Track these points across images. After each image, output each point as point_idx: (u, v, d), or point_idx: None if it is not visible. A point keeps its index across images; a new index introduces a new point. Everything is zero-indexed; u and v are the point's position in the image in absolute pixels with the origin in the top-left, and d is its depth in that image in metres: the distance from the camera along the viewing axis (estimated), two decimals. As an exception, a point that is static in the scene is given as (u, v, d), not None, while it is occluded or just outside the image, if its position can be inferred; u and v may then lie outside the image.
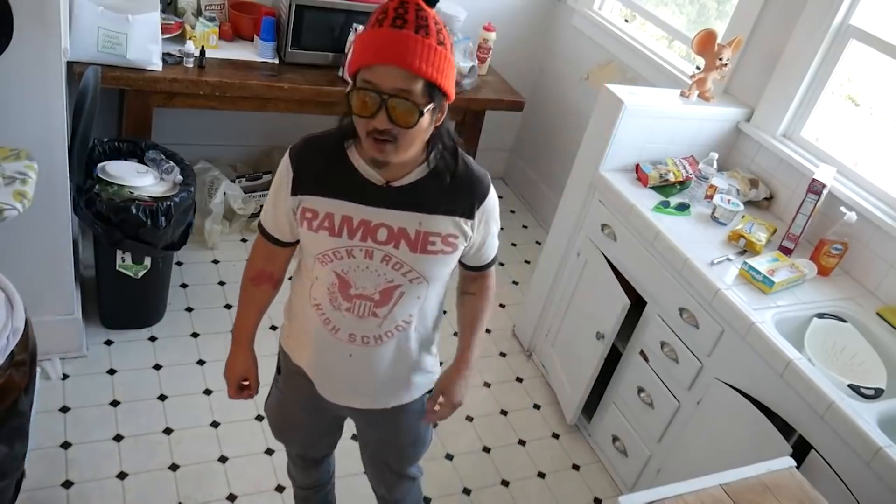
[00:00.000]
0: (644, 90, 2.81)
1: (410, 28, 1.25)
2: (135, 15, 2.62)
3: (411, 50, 1.25)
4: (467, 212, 1.48)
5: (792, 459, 1.76)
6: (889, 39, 2.44)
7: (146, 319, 2.86)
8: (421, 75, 1.26)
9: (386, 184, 1.43)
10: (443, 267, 1.51)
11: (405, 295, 1.51)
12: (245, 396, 1.77)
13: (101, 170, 2.57)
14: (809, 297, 2.32)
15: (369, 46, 1.27)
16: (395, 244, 1.44)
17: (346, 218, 1.44)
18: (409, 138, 1.32)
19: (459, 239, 1.48)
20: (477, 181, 1.49)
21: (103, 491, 2.26)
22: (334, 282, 1.50)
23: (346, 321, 1.53)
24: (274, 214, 1.53)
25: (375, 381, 1.63)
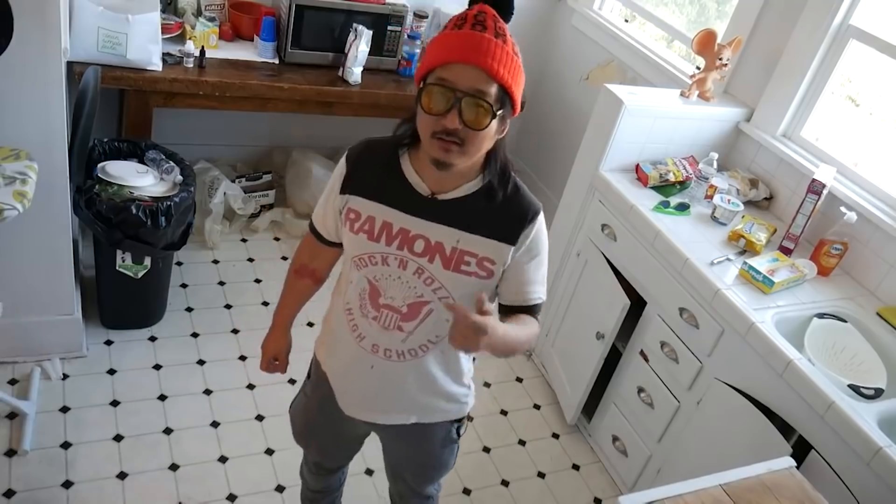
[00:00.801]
0: (644, 90, 2.81)
1: (490, 33, 1.27)
2: (135, 15, 2.62)
3: (491, 52, 1.26)
4: (509, 238, 1.42)
5: (792, 459, 1.76)
6: (889, 39, 2.44)
7: (146, 319, 2.86)
8: (497, 79, 1.27)
9: (431, 195, 1.41)
10: (472, 288, 1.44)
11: (433, 313, 1.48)
12: (273, 370, 1.82)
13: (101, 170, 2.57)
14: (809, 297, 2.32)
15: (447, 46, 1.28)
16: (429, 258, 1.42)
17: (386, 223, 1.43)
18: (477, 142, 1.31)
19: (496, 265, 1.43)
20: (525, 208, 1.44)
21: (103, 491, 2.26)
22: (366, 287, 1.50)
23: (372, 330, 1.52)
24: (323, 211, 1.56)
25: (394, 398, 1.61)
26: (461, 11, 1.32)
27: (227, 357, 2.84)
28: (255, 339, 1.77)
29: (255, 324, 3.01)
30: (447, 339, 1.39)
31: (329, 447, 1.91)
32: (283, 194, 3.64)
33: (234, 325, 2.98)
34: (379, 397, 1.62)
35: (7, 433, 2.34)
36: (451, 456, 1.79)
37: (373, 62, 3.23)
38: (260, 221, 3.51)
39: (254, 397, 2.69)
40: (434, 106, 1.28)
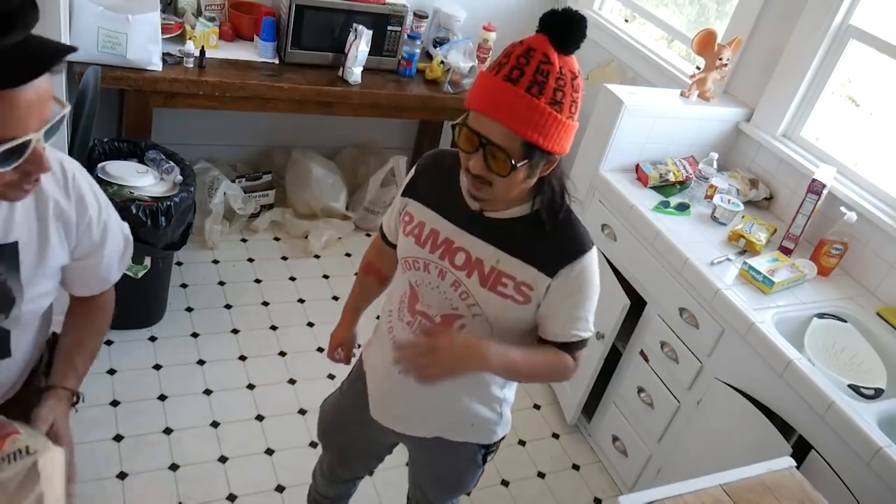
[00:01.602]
0: (644, 90, 2.81)
1: (524, 83, 1.23)
2: (135, 15, 2.62)
3: (515, 110, 1.23)
4: (548, 269, 1.39)
5: (792, 459, 1.76)
6: (889, 39, 2.44)
7: (146, 319, 2.86)
8: (520, 135, 1.24)
9: (480, 211, 1.41)
10: (507, 313, 1.42)
11: (465, 329, 1.46)
12: (337, 360, 1.83)
13: (101, 170, 2.57)
14: (809, 297, 2.32)
15: (481, 92, 1.28)
16: (468, 272, 1.42)
17: (433, 231, 1.46)
18: (504, 186, 1.31)
19: (534, 293, 1.40)
20: (571, 244, 1.40)
21: (103, 491, 2.26)
22: (407, 291, 1.53)
23: (404, 335, 1.53)
24: (390, 213, 1.63)
25: (415, 408, 1.60)
26: (511, 45, 1.30)
27: (227, 357, 2.84)
28: (255, 339, 1.78)
29: (254, 324, 3.01)
30: None
31: (349, 452, 1.90)
32: (283, 194, 3.64)
33: (234, 325, 2.98)
34: (402, 405, 1.62)
35: (7, 433, 2.34)
36: (473, 479, 1.77)
37: (373, 62, 3.23)
38: (260, 221, 3.51)
39: (254, 397, 2.69)
40: (463, 144, 1.31)
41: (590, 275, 1.42)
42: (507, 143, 1.25)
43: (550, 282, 1.39)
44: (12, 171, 1.08)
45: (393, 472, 2.47)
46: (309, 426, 2.62)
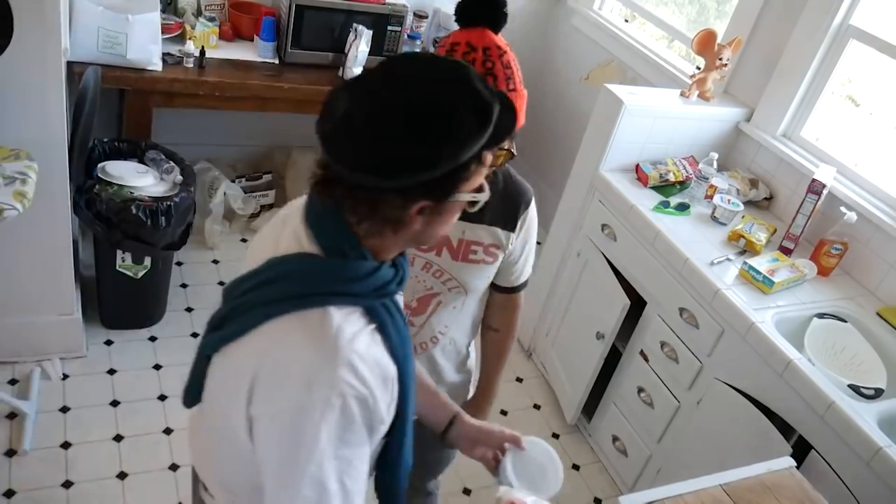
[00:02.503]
0: (644, 90, 2.81)
1: (502, 85, 1.26)
2: (135, 15, 2.62)
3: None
4: (510, 224, 1.48)
5: (792, 459, 1.76)
6: (889, 39, 2.44)
7: (146, 319, 2.86)
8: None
9: None
10: (482, 278, 1.50)
11: (441, 304, 1.50)
12: None
13: (101, 170, 2.57)
14: (809, 297, 2.32)
15: None
16: (437, 251, 1.44)
17: None
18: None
19: (500, 250, 1.49)
20: (520, 194, 1.49)
21: (103, 491, 2.26)
22: None
23: None
24: None
25: None
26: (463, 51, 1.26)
27: (227, 357, 2.84)
28: None
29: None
30: (454, 330, 1.51)
31: None
32: (283, 194, 3.64)
33: (234, 325, 2.97)
34: None
35: (7, 433, 2.34)
36: (453, 449, 1.77)
37: (373, 62, 3.23)
38: (260, 221, 3.51)
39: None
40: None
41: (535, 219, 1.55)
42: (507, 143, 1.30)
43: (512, 235, 1.48)
44: None
45: (393, 472, 2.47)
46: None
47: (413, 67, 0.97)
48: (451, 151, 0.93)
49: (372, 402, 1.00)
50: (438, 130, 0.92)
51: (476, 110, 0.94)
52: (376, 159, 0.93)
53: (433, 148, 0.92)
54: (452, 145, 0.93)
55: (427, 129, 0.92)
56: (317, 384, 0.96)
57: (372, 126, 0.93)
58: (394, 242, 1.05)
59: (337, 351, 0.97)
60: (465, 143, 0.93)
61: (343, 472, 0.99)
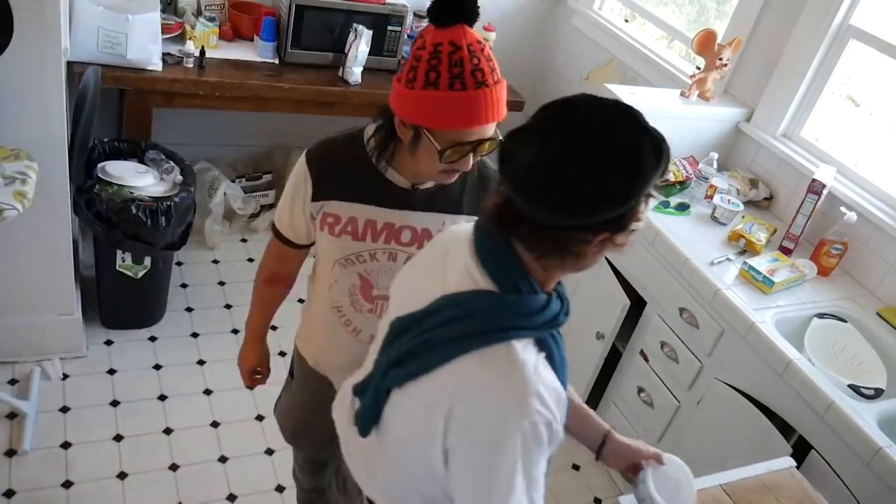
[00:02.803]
0: (644, 90, 2.81)
1: (489, 78, 1.28)
2: (135, 15, 2.62)
3: (497, 107, 1.31)
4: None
5: (792, 459, 1.76)
6: (889, 39, 2.44)
7: (146, 319, 2.86)
8: (500, 120, 1.34)
9: (413, 186, 1.44)
10: None
11: None
12: (257, 383, 1.83)
13: (101, 170, 2.57)
14: (809, 297, 2.32)
15: (458, 113, 1.28)
16: (418, 245, 1.47)
17: (369, 222, 1.45)
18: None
19: None
20: (489, 177, 1.53)
21: (103, 491, 2.26)
22: (356, 283, 1.51)
23: (369, 322, 1.54)
24: (290, 218, 1.53)
25: None
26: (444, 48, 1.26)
27: (227, 357, 2.83)
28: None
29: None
30: None
31: (322, 439, 1.90)
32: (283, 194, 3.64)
33: (234, 325, 2.98)
34: None
35: (7, 433, 2.34)
36: None
37: (373, 62, 3.23)
38: (260, 221, 3.51)
39: (254, 397, 2.69)
40: (453, 158, 1.33)
41: None
42: (494, 131, 1.34)
43: None
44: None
45: (393, 472, 2.47)
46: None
47: (591, 111, 1.04)
48: (639, 187, 1.02)
49: (556, 425, 1.09)
50: (629, 169, 1.01)
51: (654, 147, 1.03)
52: (574, 200, 1.01)
53: (625, 186, 1.01)
54: (640, 181, 1.02)
55: (619, 169, 1.00)
56: (511, 415, 1.05)
57: (567, 170, 1.00)
58: (560, 273, 1.14)
59: (526, 383, 1.06)
60: (649, 178, 1.03)
61: (531, 488, 1.09)
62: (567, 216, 1.02)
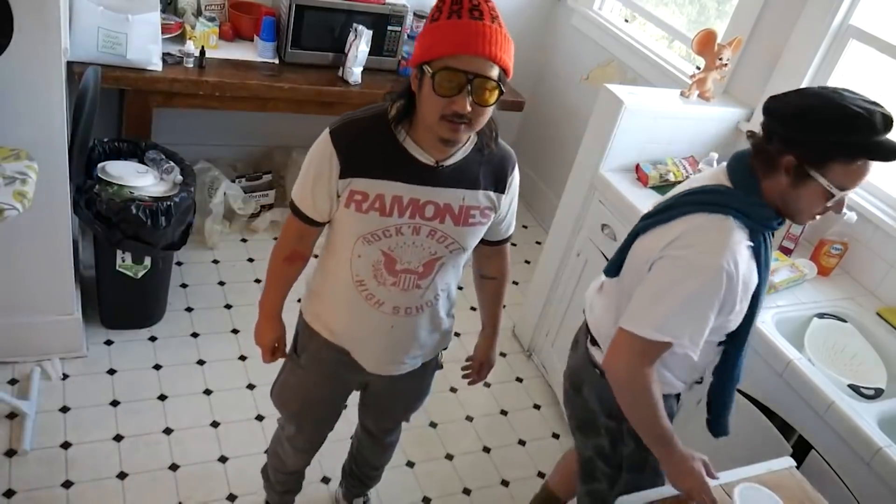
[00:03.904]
0: (644, 90, 2.81)
1: (487, 19, 1.33)
2: (135, 15, 2.62)
3: (494, 40, 1.34)
4: (501, 186, 1.59)
5: (792, 459, 1.77)
6: (889, 39, 2.44)
7: (146, 319, 2.86)
8: (500, 64, 1.36)
9: (436, 163, 1.49)
10: (478, 236, 1.63)
11: (444, 265, 1.61)
12: (278, 358, 1.85)
13: (101, 170, 2.57)
14: (809, 297, 2.32)
15: (451, 38, 1.34)
16: (440, 219, 1.53)
17: (396, 198, 1.49)
18: (483, 118, 1.41)
19: (492, 211, 1.60)
20: (508, 157, 1.60)
21: (103, 491, 2.27)
22: (380, 258, 1.56)
23: (392, 295, 1.60)
24: (313, 197, 1.54)
25: (413, 347, 1.74)
26: None
27: (227, 357, 2.84)
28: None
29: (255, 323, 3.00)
30: (451, 283, 1.69)
31: (328, 415, 1.98)
32: (283, 194, 3.64)
33: (234, 325, 2.98)
34: (398, 351, 1.72)
35: (7, 433, 2.34)
36: (431, 381, 1.97)
37: (373, 62, 3.23)
38: (260, 221, 3.51)
39: (254, 397, 2.69)
40: (447, 90, 1.35)
41: (518, 179, 1.66)
42: (490, 73, 1.35)
43: (502, 196, 1.60)
44: None
45: (393, 472, 2.48)
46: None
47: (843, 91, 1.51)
48: (839, 134, 1.43)
49: (734, 285, 1.49)
50: (840, 123, 1.44)
51: (883, 117, 1.44)
52: (800, 122, 1.47)
53: (832, 127, 1.44)
54: (843, 131, 1.43)
55: (835, 120, 1.44)
56: (709, 255, 1.48)
57: (808, 106, 1.48)
58: (771, 193, 1.54)
59: (728, 240, 1.49)
60: (852, 134, 1.43)
61: (691, 322, 1.50)
62: (792, 129, 1.48)
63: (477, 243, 1.65)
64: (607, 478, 1.89)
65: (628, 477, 1.86)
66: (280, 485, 2.16)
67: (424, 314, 1.68)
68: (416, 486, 2.54)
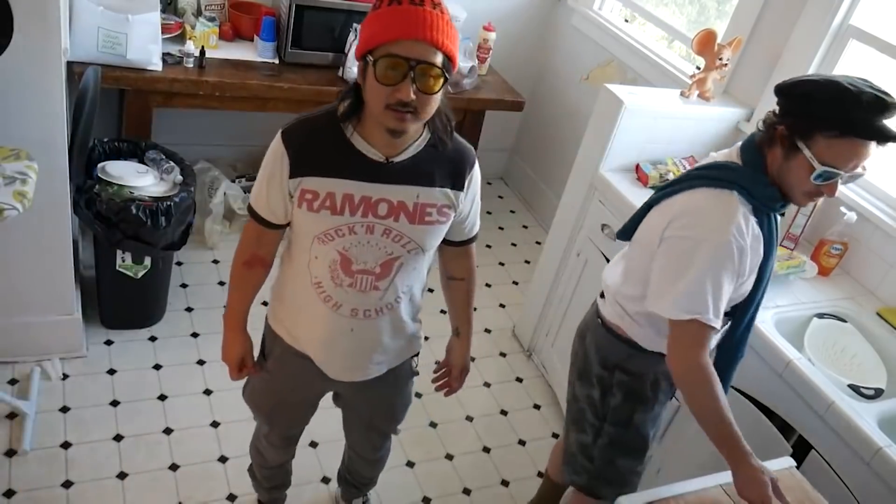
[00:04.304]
0: (644, 90, 2.81)
1: (428, 5, 1.33)
2: (135, 15, 2.63)
3: (435, 26, 1.33)
4: (458, 184, 1.56)
5: (792, 459, 1.76)
6: (889, 39, 2.44)
7: (146, 319, 2.86)
8: (443, 49, 1.34)
9: (386, 160, 1.47)
10: (437, 236, 1.59)
11: (404, 266, 1.58)
12: (245, 374, 1.82)
13: (101, 170, 2.57)
14: (809, 297, 2.32)
15: (392, 24, 1.33)
16: (394, 217, 1.50)
17: (347, 196, 1.48)
18: (429, 107, 1.39)
19: (451, 210, 1.57)
20: (466, 154, 1.57)
21: (103, 491, 2.27)
22: (336, 259, 1.54)
23: (349, 296, 1.58)
24: (268, 198, 1.53)
25: (375, 352, 1.70)
26: None
27: (227, 357, 2.84)
28: (255, 338, 1.79)
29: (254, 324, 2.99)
30: (414, 286, 1.66)
31: (299, 415, 1.98)
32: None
33: (234, 325, 2.98)
34: (359, 356, 1.70)
35: (7, 433, 2.35)
36: (413, 389, 1.96)
37: (373, 62, 3.23)
38: (260, 221, 3.50)
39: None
40: (389, 78, 1.34)
41: (479, 177, 1.62)
42: (433, 59, 1.34)
43: (461, 194, 1.57)
44: None
45: (393, 472, 2.48)
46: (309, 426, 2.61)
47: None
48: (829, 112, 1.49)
49: (744, 255, 1.56)
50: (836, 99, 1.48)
51: (876, 97, 1.47)
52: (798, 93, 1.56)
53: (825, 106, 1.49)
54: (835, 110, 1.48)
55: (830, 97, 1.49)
56: (716, 229, 1.55)
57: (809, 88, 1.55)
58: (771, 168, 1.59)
59: (733, 214, 1.55)
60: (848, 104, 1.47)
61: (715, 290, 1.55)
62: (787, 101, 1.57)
63: (440, 244, 1.63)
64: (593, 429, 1.92)
65: (611, 430, 1.89)
66: (266, 480, 2.17)
67: (385, 317, 1.65)
68: (416, 486, 2.54)
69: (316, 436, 2.57)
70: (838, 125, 1.48)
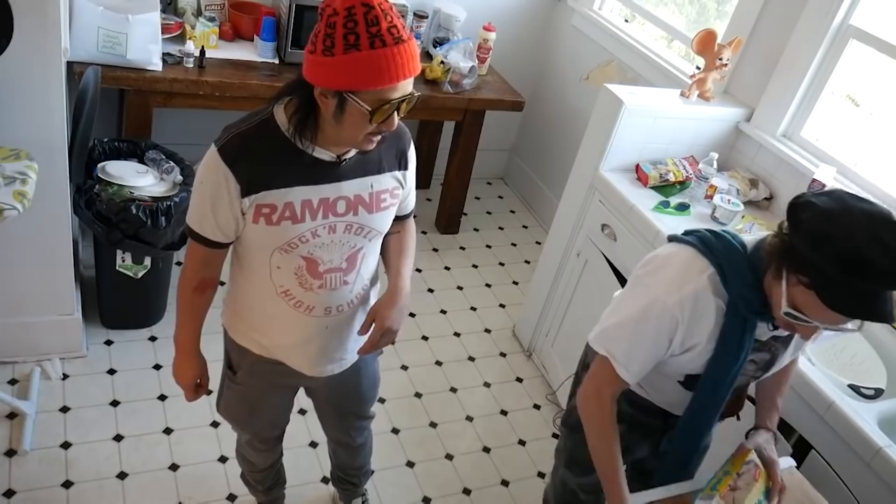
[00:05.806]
0: (644, 90, 2.81)
1: (403, 34, 1.31)
2: (135, 15, 2.62)
3: (414, 61, 1.34)
4: (403, 164, 1.60)
5: (792, 459, 1.76)
6: (889, 39, 2.44)
7: (146, 319, 2.86)
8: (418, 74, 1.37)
9: (338, 158, 1.47)
10: (391, 216, 1.62)
11: (366, 254, 1.60)
12: (201, 395, 1.80)
13: (101, 170, 2.57)
14: (809, 297, 2.32)
15: (384, 69, 1.30)
16: (353, 212, 1.52)
17: (305, 202, 1.47)
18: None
19: (400, 189, 1.61)
20: (403, 133, 1.60)
21: (103, 491, 2.27)
22: (300, 265, 1.53)
23: (321, 297, 1.58)
24: (214, 219, 1.48)
25: (348, 343, 1.71)
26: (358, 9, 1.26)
27: (227, 357, 2.84)
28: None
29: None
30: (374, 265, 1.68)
31: (277, 418, 1.98)
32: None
33: (234, 325, 2.98)
34: (333, 350, 1.70)
35: (7, 433, 2.35)
36: (378, 366, 1.97)
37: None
38: (260, 221, 3.50)
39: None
40: (387, 121, 1.37)
41: (414, 153, 1.65)
42: (412, 86, 1.38)
43: (406, 172, 1.62)
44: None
45: (393, 472, 2.48)
46: (309, 426, 2.62)
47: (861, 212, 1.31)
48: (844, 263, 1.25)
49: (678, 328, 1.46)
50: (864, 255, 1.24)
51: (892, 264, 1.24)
52: (813, 240, 1.30)
53: (830, 262, 1.26)
54: (853, 264, 1.25)
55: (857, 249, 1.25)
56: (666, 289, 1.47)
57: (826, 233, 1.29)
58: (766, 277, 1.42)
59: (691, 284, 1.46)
60: (864, 272, 1.24)
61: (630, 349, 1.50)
62: (803, 246, 1.30)
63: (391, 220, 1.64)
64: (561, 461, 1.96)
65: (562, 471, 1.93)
66: (260, 483, 2.17)
67: (357, 307, 1.67)
68: (416, 486, 2.54)
69: (316, 436, 2.57)
70: (826, 291, 1.30)
